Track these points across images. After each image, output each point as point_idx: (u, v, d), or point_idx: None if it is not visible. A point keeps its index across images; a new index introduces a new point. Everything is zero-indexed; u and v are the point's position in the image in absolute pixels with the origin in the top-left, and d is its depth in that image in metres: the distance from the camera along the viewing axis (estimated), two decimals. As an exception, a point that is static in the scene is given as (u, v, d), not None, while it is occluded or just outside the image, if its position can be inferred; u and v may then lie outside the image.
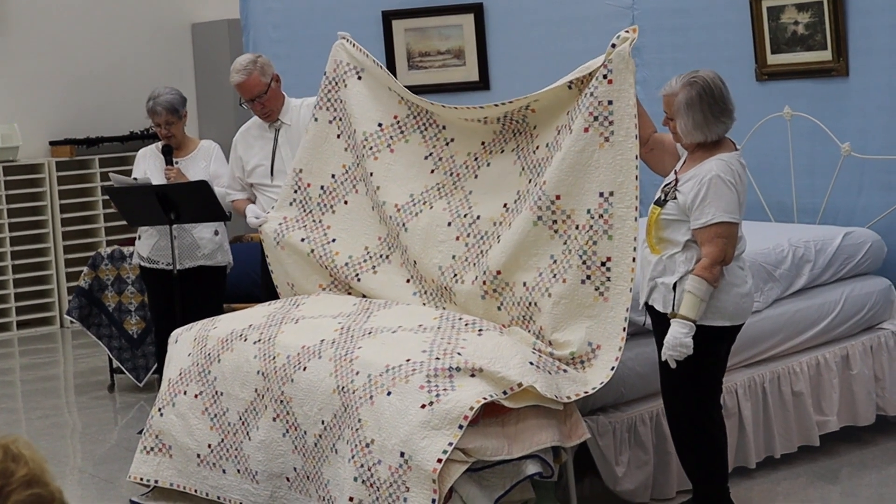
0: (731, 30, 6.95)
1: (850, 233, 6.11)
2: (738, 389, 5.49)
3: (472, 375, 4.66)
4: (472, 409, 4.53)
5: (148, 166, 6.70)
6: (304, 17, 8.50)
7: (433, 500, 4.44)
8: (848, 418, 5.86)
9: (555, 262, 4.98)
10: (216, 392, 5.35)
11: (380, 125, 5.66)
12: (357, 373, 4.82)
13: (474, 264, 5.25)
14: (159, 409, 5.54)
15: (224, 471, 5.30)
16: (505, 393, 4.64)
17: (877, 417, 5.95)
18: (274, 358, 5.15)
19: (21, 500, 2.10)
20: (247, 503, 5.23)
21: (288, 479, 5.08)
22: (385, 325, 5.09)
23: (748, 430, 5.50)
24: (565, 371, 4.85)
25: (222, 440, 5.30)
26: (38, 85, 10.10)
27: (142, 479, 5.57)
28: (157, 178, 6.58)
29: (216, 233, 6.64)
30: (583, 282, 4.89)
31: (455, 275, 5.31)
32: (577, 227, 4.92)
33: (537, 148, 5.21)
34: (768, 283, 5.74)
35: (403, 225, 5.48)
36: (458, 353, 4.76)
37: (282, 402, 5.06)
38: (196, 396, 5.42)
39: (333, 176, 5.80)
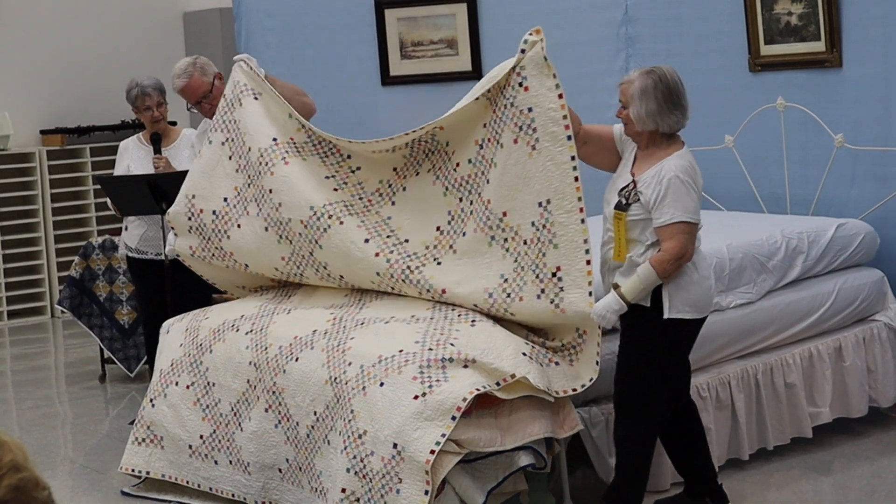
0: (724, 20, 6.94)
1: (843, 224, 6.10)
2: (730, 381, 5.49)
3: (465, 366, 4.65)
4: (465, 400, 4.53)
5: (132, 158, 6.67)
6: (297, 5, 8.48)
7: (426, 492, 4.44)
8: (841, 410, 5.86)
9: (505, 280, 4.86)
10: (208, 383, 5.34)
11: (274, 140, 5.45)
12: (350, 363, 4.81)
13: (402, 280, 5.11)
14: (151, 400, 5.53)
15: (216, 462, 5.29)
16: (498, 384, 4.63)
17: (869, 409, 5.95)
18: (266, 349, 5.14)
19: (12, 483, 2.16)
20: (239, 494, 5.23)
21: (280, 471, 5.07)
22: (378, 316, 5.08)
23: (741, 421, 5.50)
24: (557, 364, 4.84)
25: (214, 431, 5.29)
26: (29, 74, 10.07)
27: (133, 471, 5.56)
28: (143, 168, 6.56)
29: None
30: (538, 297, 4.78)
31: (392, 288, 5.22)
32: (525, 243, 4.79)
33: (458, 165, 5.06)
34: (761, 275, 5.73)
35: (316, 242, 5.27)
36: (451, 344, 4.75)
37: (274, 392, 5.04)
38: (188, 387, 5.40)
39: (226, 199, 5.60)
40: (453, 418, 4.50)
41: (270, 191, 5.40)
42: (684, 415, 4.97)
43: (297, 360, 5.00)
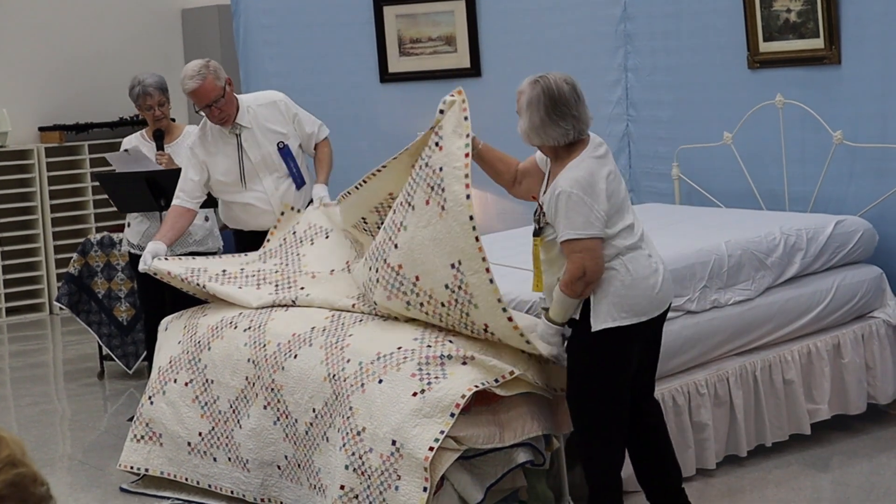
0: (723, 17, 6.94)
1: (842, 221, 6.09)
2: (729, 377, 5.49)
3: (464, 363, 4.65)
4: (463, 397, 4.52)
5: None
6: (295, 2, 8.48)
7: (424, 489, 4.44)
8: (839, 407, 5.86)
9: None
10: (206, 380, 5.33)
11: (332, 271, 5.57)
12: (348, 360, 4.81)
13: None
14: (149, 398, 5.52)
15: (215, 459, 5.28)
16: (497, 381, 4.63)
17: (868, 406, 5.95)
18: (264, 346, 5.13)
19: (8, 479, 2.14)
20: (238, 491, 5.22)
21: (279, 468, 5.07)
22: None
23: (739, 418, 5.50)
24: (554, 362, 4.84)
25: (213, 428, 5.29)
26: (28, 70, 10.05)
27: (132, 468, 5.56)
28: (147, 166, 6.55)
29: (206, 219, 6.61)
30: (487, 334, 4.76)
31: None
32: (443, 305, 4.72)
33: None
34: (760, 272, 5.73)
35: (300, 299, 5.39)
36: (450, 341, 4.74)
37: (273, 389, 5.04)
38: (186, 384, 5.40)
39: (242, 269, 5.65)
40: (452, 415, 4.49)
41: (302, 288, 5.46)
42: (644, 418, 4.75)
43: (295, 356, 5.00)
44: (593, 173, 4.43)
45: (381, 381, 4.65)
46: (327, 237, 5.70)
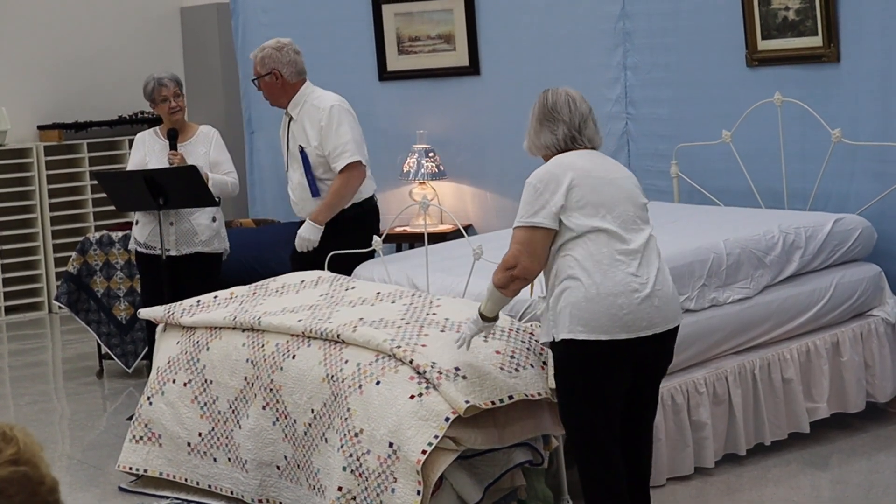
0: (721, 15, 6.94)
1: (841, 219, 6.09)
2: (728, 376, 5.49)
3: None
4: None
5: (148, 150, 6.66)
6: (294, 1, 8.47)
7: (418, 492, 4.42)
8: (838, 405, 5.86)
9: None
10: (205, 380, 5.33)
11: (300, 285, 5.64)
12: (346, 361, 4.80)
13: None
14: (148, 398, 5.52)
15: (215, 459, 5.28)
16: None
17: (867, 404, 5.95)
18: (263, 346, 5.13)
19: (5, 475, 2.14)
20: (237, 492, 5.22)
21: (278, 468, 5.06)
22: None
23: (738, 417, 5.49)
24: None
25: (213, 429, 5.28)
26: (27, 69, 10.04)
27: (131, 469, 5.55)
28: (158, 162, 6.55)
29: (213, 219, 6.60)
30: None
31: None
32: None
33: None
34: (758, 270, 5.73)
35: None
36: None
37: (271, 390, 5.04)
38: (185, 385, 5.39)
39: (215, 297, 5.65)
40: (447, 420, 4.46)
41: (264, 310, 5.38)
42: (633, 453, 4.47)
43: (294, 357, 4.99)
44: (557, 166, 4.28)
45: (378, 383, 4.64)
46: (298, 293, 5.57)
